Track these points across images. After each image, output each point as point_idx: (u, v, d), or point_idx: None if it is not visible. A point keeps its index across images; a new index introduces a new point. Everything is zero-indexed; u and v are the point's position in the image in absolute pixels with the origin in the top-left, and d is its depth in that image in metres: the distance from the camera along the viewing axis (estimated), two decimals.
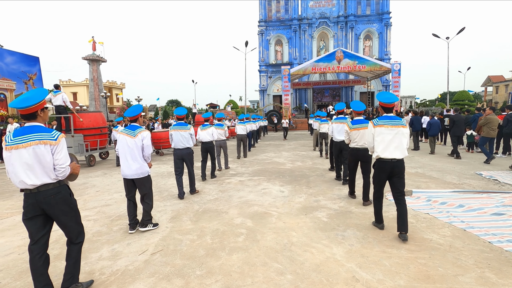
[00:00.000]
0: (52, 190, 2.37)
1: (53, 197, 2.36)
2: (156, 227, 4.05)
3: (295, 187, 6.08)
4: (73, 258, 2.55)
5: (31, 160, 2.27)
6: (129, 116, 3.86)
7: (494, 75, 46.31)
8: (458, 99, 33.38)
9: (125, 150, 3.80)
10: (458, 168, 7.63)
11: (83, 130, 9.59)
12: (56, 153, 2.34)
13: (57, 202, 2.39)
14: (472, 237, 3.48)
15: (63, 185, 2.46)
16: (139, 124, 3.95)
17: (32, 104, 2.27)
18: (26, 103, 2.26)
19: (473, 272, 2.71)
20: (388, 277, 2.67)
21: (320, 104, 35.11)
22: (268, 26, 35.35)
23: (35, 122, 2.36)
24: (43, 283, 2.37)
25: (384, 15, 33.41)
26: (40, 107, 2.35)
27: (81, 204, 5.17)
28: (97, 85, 31.33)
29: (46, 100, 2.49)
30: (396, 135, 3.44)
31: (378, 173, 3.62)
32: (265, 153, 11.75)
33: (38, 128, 2.33)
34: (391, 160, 3.44)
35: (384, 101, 3.56)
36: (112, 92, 45.29)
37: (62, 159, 2.37)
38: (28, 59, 18.48)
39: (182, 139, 5.44)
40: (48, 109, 2.47)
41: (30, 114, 2.31)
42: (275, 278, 2.70)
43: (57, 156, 2.35)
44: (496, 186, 5.74)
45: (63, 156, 2.38)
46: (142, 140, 3.82)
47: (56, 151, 2.34)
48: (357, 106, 4.86)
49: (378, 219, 3.81)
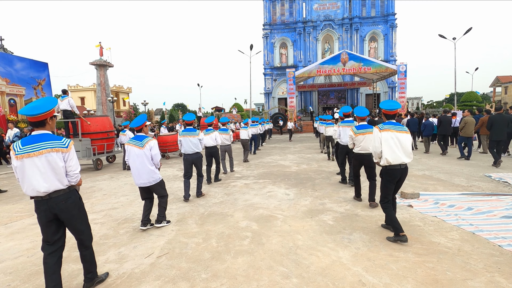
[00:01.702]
0: (63, 195, 2.44)
1: (64, 202, 2.43)
2: (168, 223, 4.31)
3: (301, 190, 6.05)
4: (88, 260, 2.70)
5: (44, 168, 2.33)
6: (134, 126, 3.98)
7: (503, 76, 45.53)
8: (466, 100, 32.95)
9: (135, 160, 3.92)
10: (467, 170, 7.51)
11: (90, 134, 9.72)
12: (69, 160, 2.43)
13: (68, 207, 2.46)
14: (481, 240, 3.42)
15: (73, 190, 2.53)
16: (144, 133, 4.06)
17: (41, 112, 2.33)
18: (36, 110, 2.31)
19: (483, 277, 2.65)
20: (395, 281, 2.63)
21: (326, 106, 35.00)
22: (273, 29, 35.47)
23: (44, 129, 2.41)
24: (55, 282, 2.42)
25: (389, 17, 33.25)
26: (49, 115, 2.40)
27: (88, 207, 5.23)
28: (104, 89, 31.78)
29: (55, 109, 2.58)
30: (401, 139, 3.47)
31: (388, 181, 3.53)
32: (270, 156, 11.74)
33: (47, 136, 2.39)
34: (400, 166, 3.45)
35: (387, 108, 3.61)
36: (119, 96, 45.90)
37: (74, 166, 2.47)
38: (37, 65, 18.85)
39: (191, 145, 5.56)
40: (56, 118, 2.54)
41: (40, 121, 2.37)
42: (280, 282, 2.69)
43: (70, 163, 2.44)
44: (506, 189, 5.63)
45: (75, 163, 2.48)
46: (150, 149, 3.93)
47: (68, 158, 2.43)
48: (361, 112, 4.94)
49: (398, 227, 3.41)
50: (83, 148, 9.30)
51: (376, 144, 3.56)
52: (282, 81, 35.07)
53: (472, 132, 9.20)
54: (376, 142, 3.56)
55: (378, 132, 3.56)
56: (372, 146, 3.65)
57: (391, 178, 3.51)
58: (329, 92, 35.99)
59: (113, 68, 26.79)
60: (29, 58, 18.46)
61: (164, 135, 12.68)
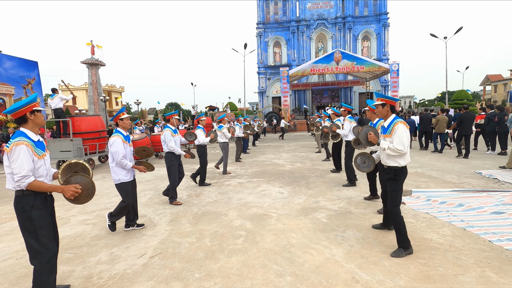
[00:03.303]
0: (16, 198, 2.28)
1: (15, 205, 2.29)
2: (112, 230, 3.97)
3: (295, 188, 6.06)
4: (33, 281, 2.29)
5: (5, 166, 2.28)
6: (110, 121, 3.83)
7: (493, 74, 46.36)
8: (457, 98, 33.42)
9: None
10: (458, 167, 7.62)
11: (82, 134, 9.58)
12: (11, 162, 2.20)
13: (17, 211, 2.27)
14: (472, 236, 3.47)
15: (26, 195, 2.25)
16: (122, 128, 3.84)
17: (17, 106, 2.28)
18: (13, 106, 2.29)
19: (474, 272, 2.69)
20: (388, 277, 2.65)
21: (320, 105, 35.14)
22: (267, 28, 35.44)
23: (25, 126, 2.34)
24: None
25: (381, 16, 33.51)
26: (29, 110, 2.31)
27: (80, 208, 5.15)
28: (96, 89, 31.33)
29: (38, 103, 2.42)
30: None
31: (403, 181, 3.17)
32: (264, 155, 11.74)
33: (16, 133, 2.30)
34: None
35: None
36: (111, 96, 45.35)
37: (17, 169, 2.17)
38: (27, 64, 18.48)
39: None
40: (40, 112, 2.40)
41: (20, 118, 2.31)
42: (274, 280, 2.69)
43: (12, 165, 2.20)
44: (496, 185, 5.73)
45: (18, 166, 2.17)
46: (110, 146, 3.64)
47: (10, 159, 2.20)
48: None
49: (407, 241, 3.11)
50: (74, 148, 9.15)
51: (406, 142, 3.01)
52: (276, 80, 35.08)
53: (444, 128, 10.28)
54: (406, 141, 3.01)
55: (406, 129, 3.05)
56: (402, 146, 2.98)
57: (405, 178, 3.17)
58: (322, 91, 36.16)
59: (106, 67, 26.39)
60: (19, 57, 18.10)
61: (157, 134, 12.57)
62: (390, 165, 3.12)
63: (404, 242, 3.07)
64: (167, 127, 5.27)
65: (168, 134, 5.16)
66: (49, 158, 2.53)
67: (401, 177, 3.11)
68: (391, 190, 3.14)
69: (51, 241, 2.35)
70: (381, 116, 3.28)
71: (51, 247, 2.33)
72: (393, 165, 3.09)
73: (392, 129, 3.07)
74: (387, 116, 3.21)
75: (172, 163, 5.22)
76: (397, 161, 3.07)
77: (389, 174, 3.13)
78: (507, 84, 42.64)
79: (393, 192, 3.12)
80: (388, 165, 3.14)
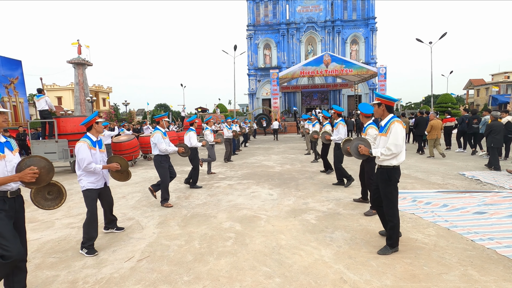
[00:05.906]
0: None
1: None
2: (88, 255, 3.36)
3: (284, 190, 6.09)
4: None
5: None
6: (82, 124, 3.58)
7: (475, 79, 47.93)
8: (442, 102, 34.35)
9: None
10: (442, 169, 7.83)
11: (67, 135, 9.35)
12: None
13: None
14: (455, 236, 3.57)
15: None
16: (93, 132, 3.55)
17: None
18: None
19: (457, 270, 2.77)
20: (375, 277, 2.70)
21: (309, 107, 35.48)
22: (257, 30, 35.60)
23: None
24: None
25: (369, 20, 34.21)
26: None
27: (65, 211, 5.02)
28: (83, 89, 30.59)
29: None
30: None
31: (397, 183, 3.19)
32: (254, 157, 11.75)
33: None
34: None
35: (366, 112, 3.72)
36: (98, 96, 44.45)
37: None
38: (10, 63, 17.94)
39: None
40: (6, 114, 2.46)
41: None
42: (263, 282, 2.69)
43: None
44: (478, 186, 5.91)
45: None
46: (76, 153, 3.37)
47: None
48: (366, 108, 4.32)
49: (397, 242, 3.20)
50: (59, 150, 8.93)
51: (400, 142, 3.03)
52: (266, 82, 35.22)
53: (423, 130, 10.74)
54: (400, 140, 3.04)
55: (402, 129, 3.08)
56: (394, 146, 3.02)
57: (399, 177, 3.18)
58: (312, 93, 36.56)
59: (93, 67, 25.87)
60: (1, 56, 17.55)
61: (145, 136, 12.40)
62: (382, 165, 3.18)
63: (394, 241, 3.16)
64: (157, 129, 5.20)
65: (159, 137, 5.10)
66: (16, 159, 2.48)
67: (395, 178, 3.13)
68: (385, 193, 3.15)
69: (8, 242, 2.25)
70: (378, 115, 3.35)
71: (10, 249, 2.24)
72: (385, 164, 3.15)
73: (388, 128, 3.12)
74: (383, 116, 3.27)
75: (162, 165, 5.16)
76: (389, 161, 3.13)
77: (382, 175, 3.17)
78: (489, 88, 44.14)
79: (388, 194, 3.13)
80: (381, 165, 3.21)
